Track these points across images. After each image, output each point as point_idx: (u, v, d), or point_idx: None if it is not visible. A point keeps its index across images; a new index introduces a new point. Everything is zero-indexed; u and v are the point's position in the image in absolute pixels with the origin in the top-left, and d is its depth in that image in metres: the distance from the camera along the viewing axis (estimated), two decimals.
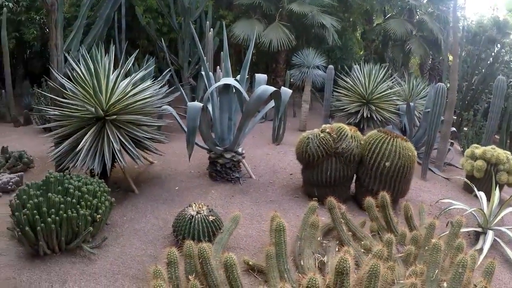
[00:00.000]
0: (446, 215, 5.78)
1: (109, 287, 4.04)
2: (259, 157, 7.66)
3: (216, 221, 4.51)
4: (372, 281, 3.27)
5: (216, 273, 3.58)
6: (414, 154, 5.79)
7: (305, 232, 4.57)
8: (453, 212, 5.83)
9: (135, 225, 5.06)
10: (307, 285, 3.01)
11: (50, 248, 4.32)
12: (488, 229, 5.28)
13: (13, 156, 7.06)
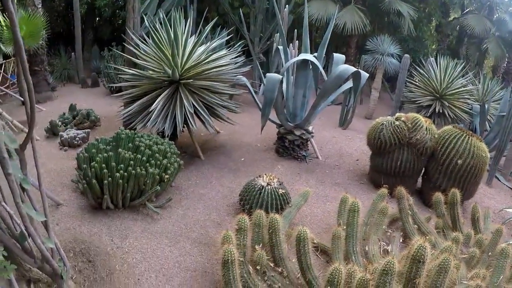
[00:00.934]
0: (509, 225, 5.43)
1: (170, 247, 4.05)
2: (325, 139, 7.46)
3: (285, 195, 4.42)
4: (441, 275, 3.08)
5: (283, 245, 3.52)
6: (487, 155, 5.41)
7: (372, 218, 4.41)
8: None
9: (199, 190, 5.08)
10: (384, 267, 2.87)
11: (113, 203, 4.38)
12: None
13: (80, 113, 7.27)
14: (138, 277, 3.69)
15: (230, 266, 3.06)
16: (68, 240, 3.93)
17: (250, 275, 3.36)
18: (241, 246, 3.43)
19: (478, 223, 4.98)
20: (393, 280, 2.89)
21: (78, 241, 3.94)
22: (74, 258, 3.78)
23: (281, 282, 3.37)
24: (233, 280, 3.11)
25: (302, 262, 3.29)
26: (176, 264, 3.89)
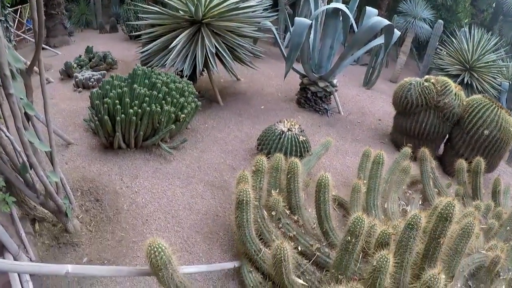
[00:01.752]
0: None
1: (181, 188, 3.87)
2: (348, 97, 7.12)
3: (305, 142, 4.17)
4: (464, 240, 2.86)
5: (301, 192, 3.32)
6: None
7: (393, 176, 4.18)
8: None
9: (216, 133, 4.86)
10: (410, 221, 2.66)
11: (125, 142, 4.17)
12: None
13: (97, 55, 6.99)
14: (147, 217, 3.53)
15: (244, 207, 2.86)
16: (76, 179, 3.77)
17: (265, 221, 3.16)
18: (257, 188, 3.22)
19: (498, 196, 4.75)
20: (418, 236, 2.68)
21: (86, 180, 3.78)
22: (81, 197, 3.65)
23: (296, 231, 3.18)
24: (246, 223, 2.92)
25: (320, 210, 3.08)
26: (187, 206, 3.72)
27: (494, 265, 3.26)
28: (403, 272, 2.72)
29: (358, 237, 2.67)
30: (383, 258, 2.47)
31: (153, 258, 2.28)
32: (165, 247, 2.28)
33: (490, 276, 3.30)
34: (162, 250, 2.27)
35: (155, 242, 2.26)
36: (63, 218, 3.17)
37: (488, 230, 3.89)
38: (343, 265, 2.74)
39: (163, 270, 2.33)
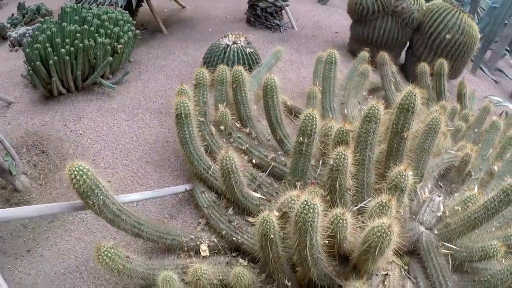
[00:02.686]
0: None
1: (127, 121, 3.55)
2: (302, 12, 6.69)
3: (253, 54, 3.82)
4: (430, 136, 2.65)
5: (251, 103, 3.01)
6: (477, 35, 4.84)
7: (351, 82, 3.89)
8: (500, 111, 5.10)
9: (161, 61, 4.44)
10: (368, 113, 2.40)
11: (65, 87, 3.82)
12: None
13: (30, 10, 6.39)
14: (94, 157, 3.27)
15: (184, 121, 2.55)
16: (19, 136, 3.49)
17: (213, 137, 2.88)
18: (200, 103, 2.91)
19: (464, 99, 4.57)
20: (377, 130, 2.42)
21: (29, 134, 3.49)
22: (27, 153, 3.39)
23: (249, 144, 2.91)
24: (189, 139, 2.62)
25: (271, 117, 2.80)
26: (134, 138, 3.41)
27: (465, 164, 3.09)
28: (366, 171, 2.50)
29: (311, 136, 2.41)
30: (340, 156, 2.23)
31: (75, 183, 1.97)
32: (87, 169, 1.97)
33: (461, 176, 3.15)
34: (84, 173, 1.96)
35: (73, 166, 1.94)
36: (9, 177, 2.97)
37: (456, 132, 3.71)
38: (299, 169, 2.50)
39: (92, 197, 2.04)
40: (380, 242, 1.83)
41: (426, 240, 2.55)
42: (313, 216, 1.85)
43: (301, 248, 1.99)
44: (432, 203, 2.71)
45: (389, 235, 1.82)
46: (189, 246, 2.63)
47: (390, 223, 1.80)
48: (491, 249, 2.47)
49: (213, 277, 2.35)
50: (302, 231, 1.90)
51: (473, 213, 2.42)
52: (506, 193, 2.28)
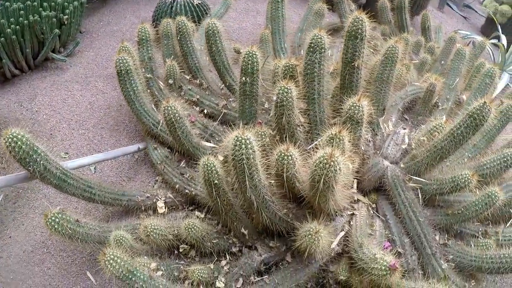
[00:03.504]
0: None
1: (81, 91, 3.39)
2: None
3: (202, 6, 3.59)
4: (388, 66, 2.48)
5: (198, 54, 2.83)
6: None
7: (307, 23, 3.67)
8: None
9: (112, 27, 4.23)
10: (311, 43, 2.21)
11: (17, 68, 3.64)
12: (504, 71, 4.32)
13: None
14: (50, 132, 3.14)
15: (126, 77, 2.42)
16: None
17: (162, 92, 2.72)
18: (145, 60, 2.74)
19: (429, 32, 4.34)
20: (324, 60, 2.25)
21: None
22: None
23: (200, 94, 2.75)
24: (134, 95, 2.48)
25: (217, 63, 2.63)
26: (88, 106, 3.26)
27: (430, 94, 2.92)
28: (317, 106, 2.36)
29: (254, 74, 2.24)
30: (282, 90, 2.07)
31: (11, 151, 1.85)
32: (22, 135, 1.85)
33: (428, 107, 2.99)
34: (19, 139, 1.84)
35: (7, 134, 1.82)
36: None
37: (421, 65, 3.51)
38: (246, 112, 2.35)
39: (32, 163, 1.92)
40: (324, 174, 1.69)
41: (391, 175, 2.41)
42: (247, 152, 1.71)
43: (243, 189, 1.86)
44: (396, 136, 2.56)
45: (333, 166, 1.66)
46: (146, 205, 2.52)
47: (332, 152, 1.64)
48: (462, 179, 2.33)
49: (167, 232, 2.24)
50: (238, 170, 1.77)
51: (440, 142, 2.27)
52: (472, 117, 2.13)
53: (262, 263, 2.22)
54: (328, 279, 2.29)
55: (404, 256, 2.35)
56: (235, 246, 2.26)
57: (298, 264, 2.20)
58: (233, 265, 2.23)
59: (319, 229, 1.86)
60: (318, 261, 2.23)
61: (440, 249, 2.41)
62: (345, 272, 2.19)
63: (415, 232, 2.35)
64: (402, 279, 2.28)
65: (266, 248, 2.22)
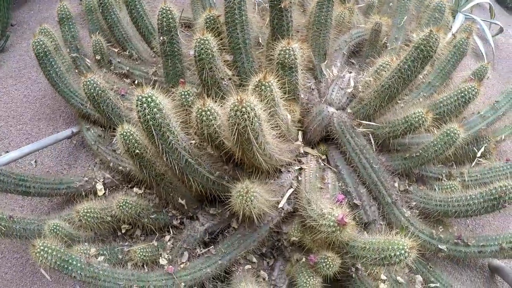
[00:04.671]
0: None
1: (15, 85, 3.22)
2: None
3: None
4: (324, 8, 2.31)
5: (125, 24, 2.64)
6: None
7: None
8: None
9: (43, 14, 4.01)
10: None
11: None
12: (459, 12, 4.11)
13: None
14: None
15: (46, 59, 2.32)
16: None
17: (90, 69, 2.54)
18: (68, 39, 2.57)
19: None
20: (244, 5, 2.08)
21: None
22: None
23: (130, 66, 2.58)
24: (57, 77, 2.36)
25: (141, 29, 2.48)
26: (23, 99, 3.12)
27: (376, 34, 2.74)
28: (244, 56, 2.20)
29: (171, 32, 2.06)
30: (199, 42, 1.90)
31: None
32: None
33: (375, 48, 2.81)
34: None
35: None
36: None
37: (367, 9, 3.30)
38: (170, 73, 2.19)
39: None
40: (237, 124, 1.52)
41: (337, 121, 2.25)
42: (151, 112, 1.54)
43: (159, 153, 1.69)
44: (341, 81, 2.39)
45: (246, 113, 1.49)
46: (86, 189, 2.39)
47: (242, 98, 1.47)
48: (415, 118, 2.18)
49: (103, 214, 2.09)
50: (147, 132, 1.60)
51: (387, 81, 2.12)
52: (419, 49, 1.97)
53: (206, 233, 2.06)
54: (283, 241, 2.14)
55: (362, 208, 2.20)
56: (176, 219, 2.11)
57: (245, 229, 2.06)
58: (177, 239, 2.08)
59: (250, 188, 1.70)
60: (268, 223, 2.07)
61: (401, 196, 2.27)
62: (297, 232, 2.05)
63: (371, 180, 2.20)
64: (360, 233, 2.13)
65: (207, 216, 2.07)
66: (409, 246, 1.66)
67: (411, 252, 1.67)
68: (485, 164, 2.53)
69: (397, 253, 1.66)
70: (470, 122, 2.54)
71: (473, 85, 2.29)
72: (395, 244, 1.68)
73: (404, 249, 1.66)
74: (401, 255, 1.66)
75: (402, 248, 1.66)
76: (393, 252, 1.67)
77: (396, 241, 1.69)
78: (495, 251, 2.18)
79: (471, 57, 3.78)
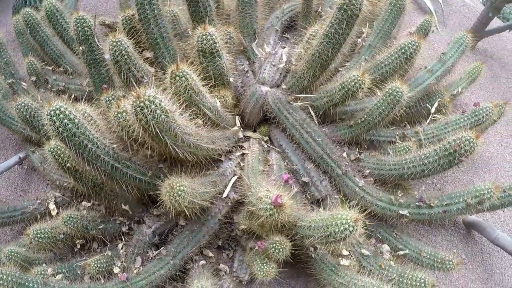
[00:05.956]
0: None
1: None
2: None
3: None
4: None
5: (55, 40, 2.65)
6: None
7: None
8: None
9: None
10: None
11: None
12: None
13: None
14: None
15: None
16: None
17: (27, 91, 2.58)
18: (1, 66, 2.62)
19: None
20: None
21: None
22: None
23: (65, 81, 2.61)
24: None
25: (66, 41, 2.48)
26: None
27: (307, 4, 2.72)
28: (165, 51, 2.23)
29: (89, 40, 2.07)
30: (114, 44, 1.92)
31: None
32: None
33: (310, 19, 2.78)
34: None
35: None
36: None
37: None
38: (97, 81, 2.19)
39: None
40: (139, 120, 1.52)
41: (272, 99, 2.25)
42: (62, 123, 1.57)
43: (82, 162, 1.70)
44: (273, 58, 2.37)
45: (147, 106, 1.48)
46: (40, 212, 2.42)
47: (139, 93, 1.47)
48: (352, 82, 2.14)
49: (55, 233, 2.12)
50: (65, 143, 1.61)
51: (317, 48, 2.10)
52: (342, 9, 1.94)
53: (155, 235, 2.08)
54: (236, 231, 2.14)
55: (312, 184, 2.19)
56: (124, 226, 2.14)
57: (193, 225, 2.06)
58: (129, 245, 2.10)
59: (174, 184, 1.69)
60: (216, 215, 2.07)
61: (352, 166, 2.25)
62: (245, 220, 2.04)
63: (316, 154, 2.19)
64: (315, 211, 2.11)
65: (153, 218, 2.10)
66: (353, 219, 1.62)
67: (357, 225, 1.62)
68: (441, 119, 2.48)
69: (341, 229, 1.62)
70: (418, 78, 2.51)
71: (413, 40, 2.25)
72: (338, 219, 1.65)
73: (347, 223, 1.61)
74: (346, 230, 1.62)
75: (345, 222, 1.62)
76: (336, 227, 1.63)
77: (339, 215, 1.66)
78: (461, 208, 2.10)
79: (419, 14, 3.72)
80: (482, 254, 2.62)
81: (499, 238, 2.51)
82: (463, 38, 2.58)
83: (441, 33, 3.59)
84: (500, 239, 2.51)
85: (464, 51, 2.57)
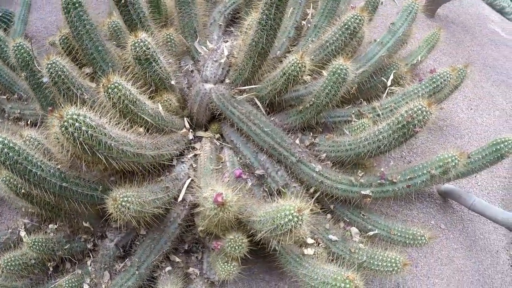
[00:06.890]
0: None
1: None
2: None
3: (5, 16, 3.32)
4: None
5: (6, 68, 2.74)
6: None
7: None
8: None
9: None
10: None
11: None
12: None
13: None
14: None
15: None
16: None
17: None
18: None
19: None
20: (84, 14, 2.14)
21: None
22: None
23: (20, 108, 2.72)
24: None
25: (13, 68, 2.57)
26: None
27: None
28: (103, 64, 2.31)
29: (29, 66, 2.15)
30: (49, 66, 2.00)
31: None
32: None
33: (252, 7, 2.76)
34: None
35: None
36: None
37: None
38: (43, 104, 2.28)
39: None
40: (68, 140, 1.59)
41: (216, 96, 2.31)
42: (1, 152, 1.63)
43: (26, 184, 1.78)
44: (215, 53, 2.41)
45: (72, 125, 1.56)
46: (13, 240, 2.49)
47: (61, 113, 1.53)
48: (291, 66, 2.12)
49: (25, 259, 2.22)
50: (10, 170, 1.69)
51: (252, 37, 2.10)
52: None
53: (118, 248, 2.15)
54: (198, 233, 2.20)
55: (268, 176, 2.23)
56: (89, 242, 2.23)
57: (154, 233, 2.14)
58: (96, 261, 2.17)
59: (118, 196, 1.76)
60: (175, 220, 2.14)
61: (307, 151, 2.30)
62: (202, 221, 2.09)
63: (267, 145, 2.24)
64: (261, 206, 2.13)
65: (114, 231, 2.17)
66: (297, 209, 1.62)
67: (301, 214, 1.63)
68: (398, 91, 2.49)
69: (286, 220, 1.63)
70: (368, 53, 2.52)
71: (355, 14, 2.25)
72: (282, 210, 1.66)
73: (291, 214, 1.63)
74: (290, 221, 1.63)
75: (289, 213, 1.63)
76: (282, 220, 1.65)
77: (283, 207, 1.67)
78: (426, 180, 2.11)
79: None
80: (463, 222, 2.63)
81: (476, 204, 2.52)
82: (411, 5, 2.58)
83: (398, 4, 3.57)
84: (477, 205, 2.52)
85: (414, 18, 2.58)
